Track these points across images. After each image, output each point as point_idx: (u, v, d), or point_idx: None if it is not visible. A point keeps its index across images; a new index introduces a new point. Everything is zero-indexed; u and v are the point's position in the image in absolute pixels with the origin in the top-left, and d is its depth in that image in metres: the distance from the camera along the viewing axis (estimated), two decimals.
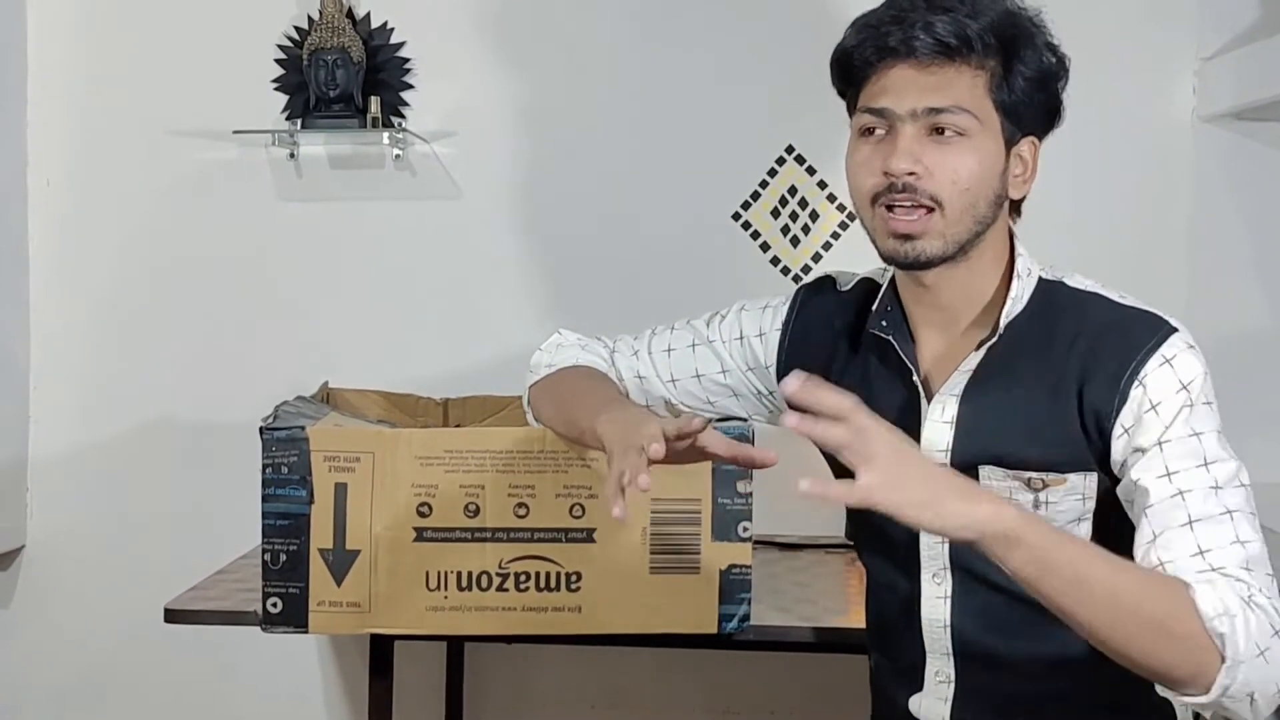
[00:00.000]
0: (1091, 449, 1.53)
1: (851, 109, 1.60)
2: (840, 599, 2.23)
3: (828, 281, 1.80)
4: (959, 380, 1.59)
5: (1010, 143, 1.55)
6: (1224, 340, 2.59)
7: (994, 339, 1.56)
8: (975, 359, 1.58)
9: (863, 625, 1.82)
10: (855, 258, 1.81)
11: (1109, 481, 1.55)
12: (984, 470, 1.57)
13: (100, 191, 2.83)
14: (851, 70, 1.57)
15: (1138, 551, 1.48)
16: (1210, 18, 2.62)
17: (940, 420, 1.59)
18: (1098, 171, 2.61)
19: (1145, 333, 1.52)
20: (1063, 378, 1.54)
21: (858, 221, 2.42)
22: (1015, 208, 1.64)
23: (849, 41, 1.57)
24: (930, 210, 1.51)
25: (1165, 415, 1.48)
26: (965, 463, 1.57)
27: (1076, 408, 1.53)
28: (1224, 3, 2.61)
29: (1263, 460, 2.49)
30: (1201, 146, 2.64)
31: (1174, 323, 1.53)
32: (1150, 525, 1.47)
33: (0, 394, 2.78)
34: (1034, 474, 1.55)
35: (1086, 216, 2.62)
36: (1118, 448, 1.51)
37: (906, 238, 1.53)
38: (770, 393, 1.81)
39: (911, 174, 1.50)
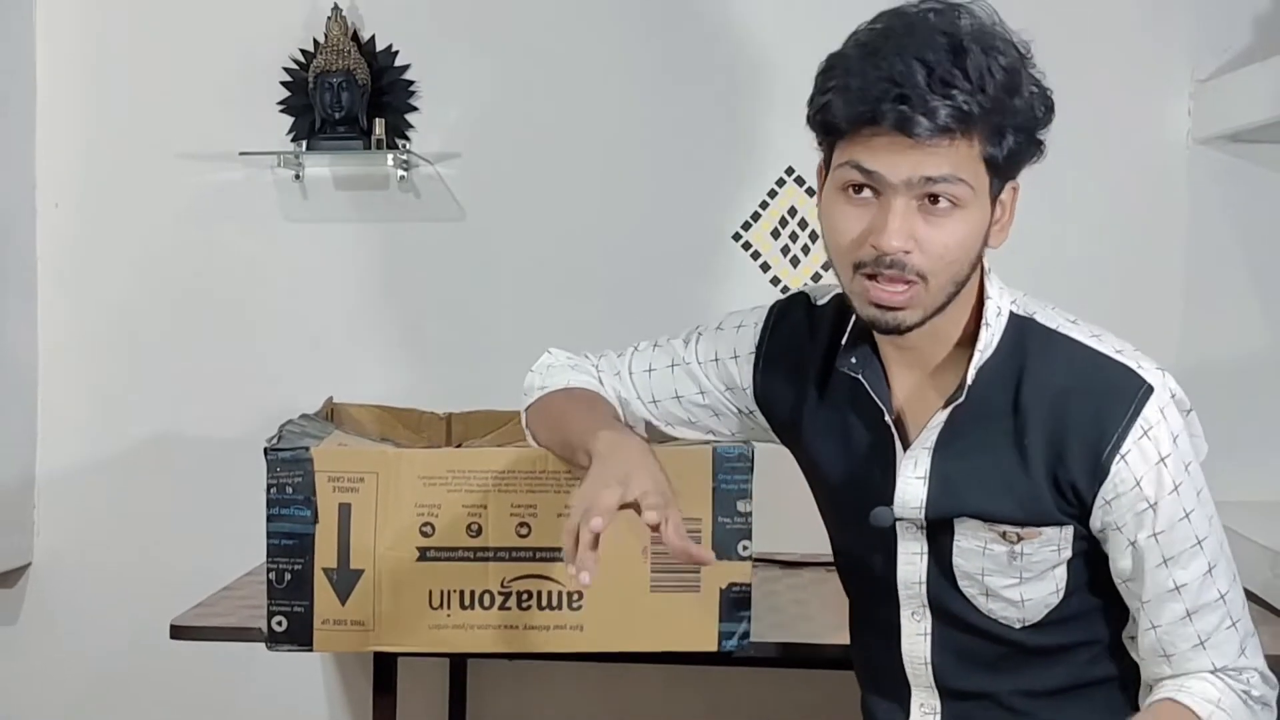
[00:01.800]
0: (1065, 508, 1.52)
1: (829, 151, 1.51)
2: (840, 616, 2.21)
3: (801, 299, 1.75)
4: (930, 435, 1.56)
5: (995, 196, 1.48)
6: (1220, 361, 2.61)
7: (961, 396, 1.52)
8: (943, 416, 1.55)
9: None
10: None
11: (1086, 532, 1.55)
12: (960, 523, 1.56)
13: (108, 212, 2.85)
14: (836, 131, 1.46)
15: (1141, 638, 1.55)
16: (1206, 40, 2.63)
17: (914, 476, 1.57)
18: (1093, 193, 2.62)
19: (1120, 398, 1.48)
20: (1033, 436, 1.51)
21: None
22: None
23: (835, 109, 1.43)
24: (912, 283, 1.44)
25: (1150, 492, 1.48)
26: (941, 516, 1.57)
27: (1047, 471, 1.51)
28: (1219, 25, 2.63)
29: (1258, 479, 2.54)
30: (1197, 168, 2.65)
31: (1148, 376, 1.49)
32: (1149, 616, 1.53)
33: (8, 412, 2.80)
34: (1009, 528, 1.54)
35: (1082, 238, 2.63)
36: (1097, 515, 1.51)
37: (888, 309, 1.46)
38: (751, 411, 1.79)
39: (905, 252, 1.42)
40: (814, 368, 1.69)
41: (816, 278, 2.72)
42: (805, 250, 2.72)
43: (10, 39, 2.78)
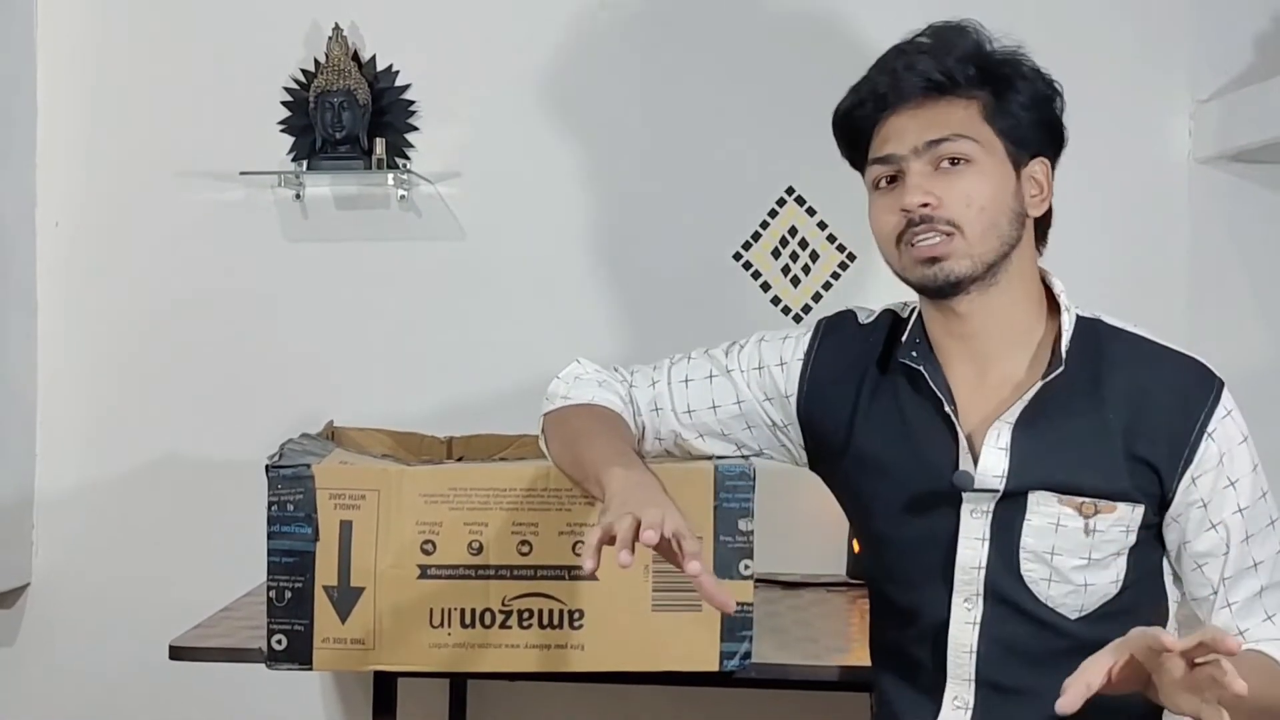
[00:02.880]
0: (1141, 486, 1.59)
1: (863, 170, 1.67)
2: (842, 637, 2.23)
3: (848, 315, 1.81)
4: (1015, 408, 1.60)
5: (1019, 164, 1.61)
6: (1223, 379, 2.61)
7: (1060, 368, 1.59)
8: (1034, 391, 1.60)
9: (865, 663, 1.83)
10: (854, 298, 1.83)
11: (1154, 517, 1.60)
12: (1034, 496, 1.60)
13: (108, 232, 2.85)
14: (855, 129, 1.66)
15: (1214, 616, 1.63)
16: (1206, 60, 2.64)
17: (996, 446, 1.61)
18: (1094, 213, 2.62)
19: (1202, 385, 1.59)
20: (1110, 417, 1.58)
21: (857, 262, 2.45)
22: (1042, 238, 1.69)
23: (845, 104, 1.67)
24: (950, 234, 1.56)
25: (1233, 469, 1.57)
26: (1019, 489, 1.60)
27: (1125, 447, 1.58)
28: (1219, 46, 2.64)
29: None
30: (1197, 188, 2.66)
31: (1217, 371, 1.61)
32: (1226, 594, 1.61)
33: (8, 431, 2.79)
34: (1086, 499, 1.58)
35: (1083, 257, 2.60)
36: (1181, 494, 1.59)
37: (933, 260, 1.57)
38: (785, 425, 1.81)
39: (925, 205, 1.56)
40: (866, 371, 1.74)
41: (817, 297, 2.72)
42: (805, 270, 2.72)
43: (11, 57, 2.78)
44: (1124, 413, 1.58)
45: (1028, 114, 1.61)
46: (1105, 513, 1.58)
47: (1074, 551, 1.59)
